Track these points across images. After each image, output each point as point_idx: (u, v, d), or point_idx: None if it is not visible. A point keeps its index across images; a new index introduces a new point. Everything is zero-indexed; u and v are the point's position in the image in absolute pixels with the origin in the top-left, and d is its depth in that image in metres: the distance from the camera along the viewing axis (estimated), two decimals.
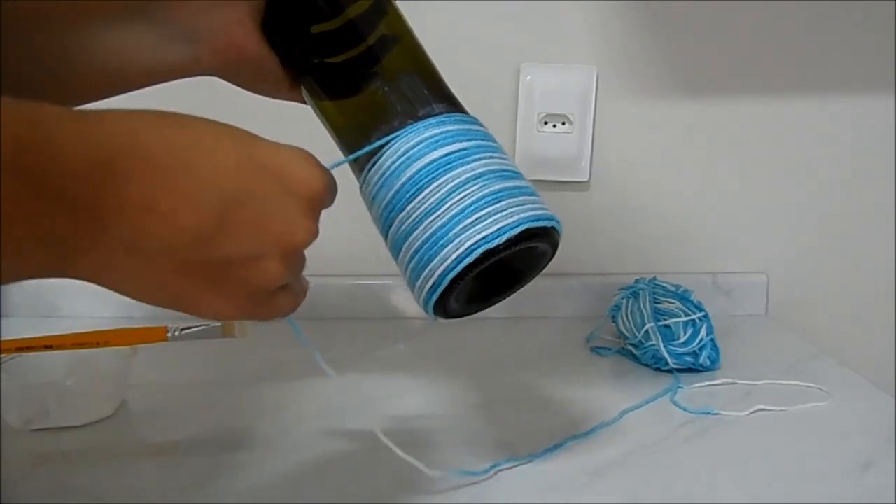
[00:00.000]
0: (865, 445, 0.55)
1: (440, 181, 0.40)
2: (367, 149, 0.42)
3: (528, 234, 0.40)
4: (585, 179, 0.82)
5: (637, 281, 0.73)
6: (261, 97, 0.47)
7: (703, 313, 0.68)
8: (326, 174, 0.36)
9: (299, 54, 0.44)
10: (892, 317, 0.89)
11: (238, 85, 0.46)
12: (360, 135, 0.43)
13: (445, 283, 0.40)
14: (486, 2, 0.77)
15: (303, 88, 0.45)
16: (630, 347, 0.70)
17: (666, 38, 0.80)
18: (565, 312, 0.82)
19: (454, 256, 0.39)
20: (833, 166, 0.86)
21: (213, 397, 0.61)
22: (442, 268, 0.40)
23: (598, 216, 0.83)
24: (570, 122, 0.80)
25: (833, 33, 0.82)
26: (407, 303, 0.80)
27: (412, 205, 0.40)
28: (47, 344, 0.55)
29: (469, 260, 0.39)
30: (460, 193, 0.40)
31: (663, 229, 0.85)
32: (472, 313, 0.45)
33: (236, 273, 0.33)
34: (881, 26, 0.82)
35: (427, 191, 0.40)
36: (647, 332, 0.67)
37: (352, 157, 0.43)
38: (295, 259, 0.35)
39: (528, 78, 0.79)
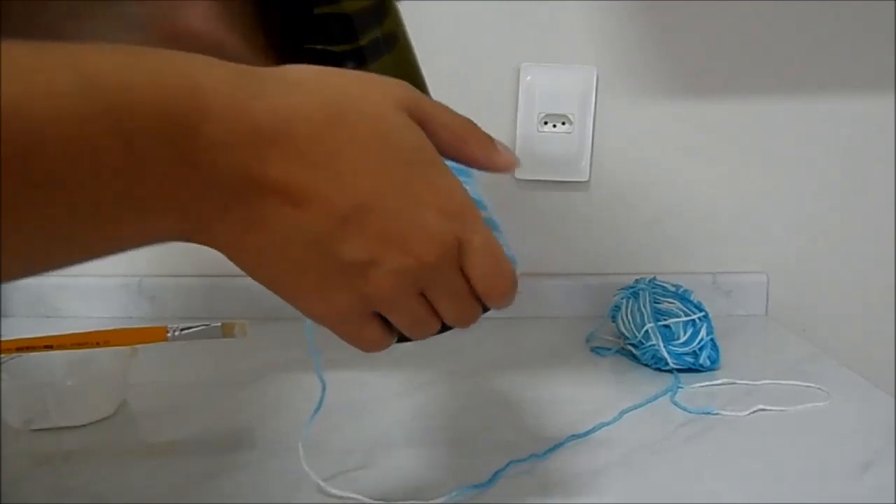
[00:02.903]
0: (865, 445, 0.55)
1: None
2: None
3: None
4: (585, 179, 0.82)
5: (637, 281, 0.73)
6: None
7: (703, 313, 0.68)
8: (463, 189, 0.33)
9: (290, 39, 0.43)
10: (892, 317, 0.89)
11: None
12: None
13: None
14: (486, 2, 0.77)
15: None
16: (630, 347, 0.70)
17: (666, 38, 0.80)
18: (565, 312, 0.82)
19: None
20: (833, 166, 0.86)
21: (213, 397, 0.61)
22: None
23: (598, 216, 0.83)
24: (570, 122, 0.80)
25: (833, 33, 0.82)
26: None
27: None
28: (47, 344, 0.55)
29: None
30: None
31: (663, 229, 0.85)
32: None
33: (349, 277, 0.32)
34: (881, 26, 0.82)
35: None
36: (647, 332, 0.67)
37: None
38: (408, 279, 0.32)
39: (528, 78, 0.79)
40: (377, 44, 0.44)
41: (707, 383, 0.65)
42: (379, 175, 0.30)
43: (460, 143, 0.34)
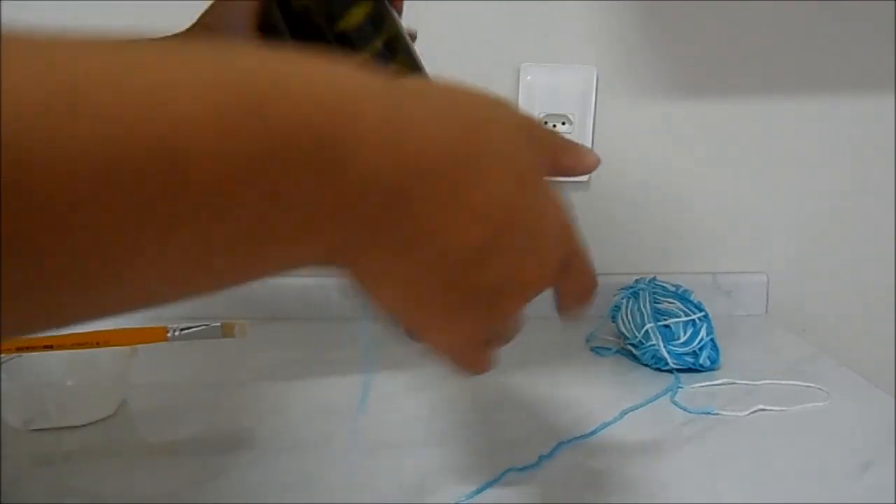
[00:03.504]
0: (865, 445, 0.55)
1: None
2: None
3: None
4: (585, 179, 0.82)
5: (637, 281, 0.73)
6: None
7: (703, 313, 0.68)
8: (575, 223, 0.33)
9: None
10: (892, 317, 0.89)
11: None
12: None
13: None
14: (486, 2, 0.77)
15: None
16: (630, 347, 0.70)
17: (666, 38, 0.80)
18: None
19: None
20: (833, 166, 0.86)
21: (213, 397, 0.61)
22: None
23: (598, 216, 0.83)
24: (570, 122, 0.80)
25: (833, 33, 0.82)
26: None
27: None
28: (47, 344, 0.55)
29: None
30: None
31: (663, 229, 0.85)
32: None
33: (482, 304, 0.31)
34: (881, 26, 0.82)
35: None
36: (647, 332, 0.67)
37: None
38: (527, 300, 0.32)
39: (528, 78, 0.79)
40: (381, 55, 0.44)
41: (707, 383, 0.65)
42: (513, 198, 0.29)
43: (557, 157, 0.34)
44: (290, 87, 0.22)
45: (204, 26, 0.45)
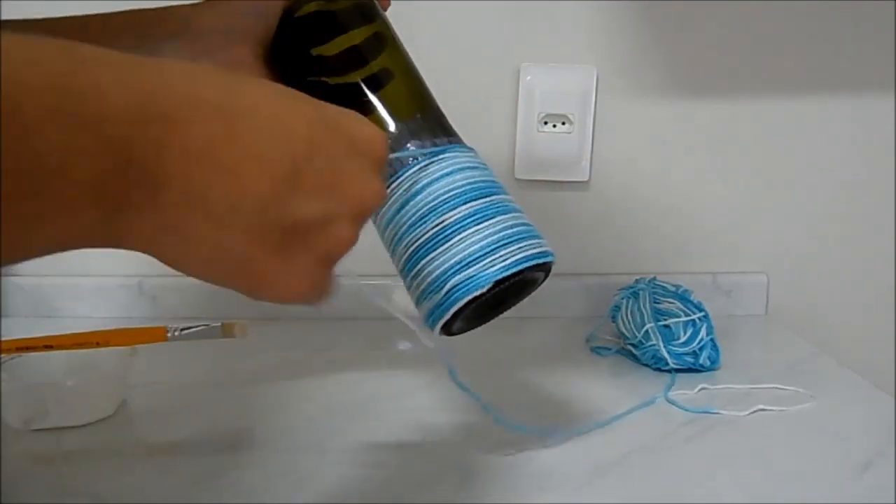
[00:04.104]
0: (865, 445, 0.55)
1: (460, 209, 0.42)
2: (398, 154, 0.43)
3: (535, 267, 0.43)
4: (585, 179, 0.82)
5: (637, 281, 0.73)
6: None
7: (703, 313, 0.68)
8: (385, 135, 0.35)
9: (300, 78, 0.45)
10: (892, 317, 0.89)
11: None
12: None
13: (459, 304, 0.42)
14: (486, 2, 0.77)
15: None
16: (630, 347, 0.70)
17: (666, 38, 0.80)
18: (565, 312, 0.82)
19: (471, 283, 0.42)
20: (833, 166, 0.86)
21: (213, 397, 0.61)
22: (458, 292, 0.42)
23: (598, 216, 0.83)
24: (570, 122, 0.80)
25: (833, 33, 0.82)
26: (408, 304, 0.80)
27: (429, 228, 0.42)
28: (47, 344, 0.55)
29: (484, 288, 0.41)
30: (478, 224, 0.42)
31: (663, 229, 0.85)
32: (468, 331, 0.47)
33: (308, 237, 0.30)
34: (881, 26, 0.82)
35: (447, 216, 0.42)
36: (646, 332, 0.67)
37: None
38: (362, 224, 0.33)
39: (528, 78, 0.79)
40: (378, 75, 0.44)
41: (707, 383, 0.65)
42: (307, 127, 0.30)
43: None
44: (49, 69, 0.23)
45: None
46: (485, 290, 0.41)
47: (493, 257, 0.42)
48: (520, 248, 0.43)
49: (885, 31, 0.82)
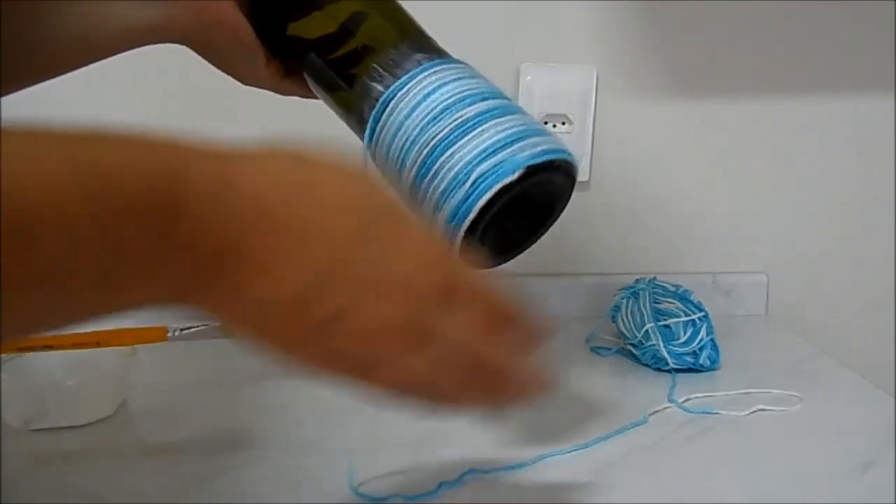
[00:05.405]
0: (865, 445, 0.55)
1: (479, 104, 0.40)
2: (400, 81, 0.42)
3: (561, 171, 0.41)
4: (585, 179, 0.82)
5: (637, 281, 0.73)
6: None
7: (703, 313, 0.68)
8: (455, 254, 0.34)
9: (290, 44, 0.45)
10: (892, 317, 0.89)
11: (213, 62, 0.46)
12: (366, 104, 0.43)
13: (489, 195, 0.38)
14: (486, 2, 0.77)
15: (305, 75, 0.47)
16: (630, 347, 0.70)
17: (666, 38, 0.80)
18: (565, 312, 0.82)
19: (500, 169, 0.38)
20: (833, 166, 0.86)
21: (213, 397, 0.61)
22: (487, 180, 0.38)
23: (598, 216, 0.83)
24: (570, 122, 0.80)
25: (833, 33, 0.82)
26: None
27: (446, 125, 0.40)
28: (47, 344, 0.55)
29: (514, 175, 0.38)
30: (501, 117, 0.39)
31: (663, 229, 0.85)
32: (498, 265, 0.43)
33: (323, 337, 0.32)
34: (881, 26, 0.82)
35: (465, 111, 0.40)
36: (647, 332, 0.67)
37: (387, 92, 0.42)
38: (388, 328, 0.32)
39: (528, 78, 0.79)
40: (354, 18, 0.44)
41: (707, 383, 0.65)
42: (350, 233, 0.30)
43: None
44: (123, 177, 0.25)
45: None
46: (514, 177, 0.38)
47: (522, 144, 0.39)
48: (546, 140, 0.40)
49: (885, 31, 0.82)
